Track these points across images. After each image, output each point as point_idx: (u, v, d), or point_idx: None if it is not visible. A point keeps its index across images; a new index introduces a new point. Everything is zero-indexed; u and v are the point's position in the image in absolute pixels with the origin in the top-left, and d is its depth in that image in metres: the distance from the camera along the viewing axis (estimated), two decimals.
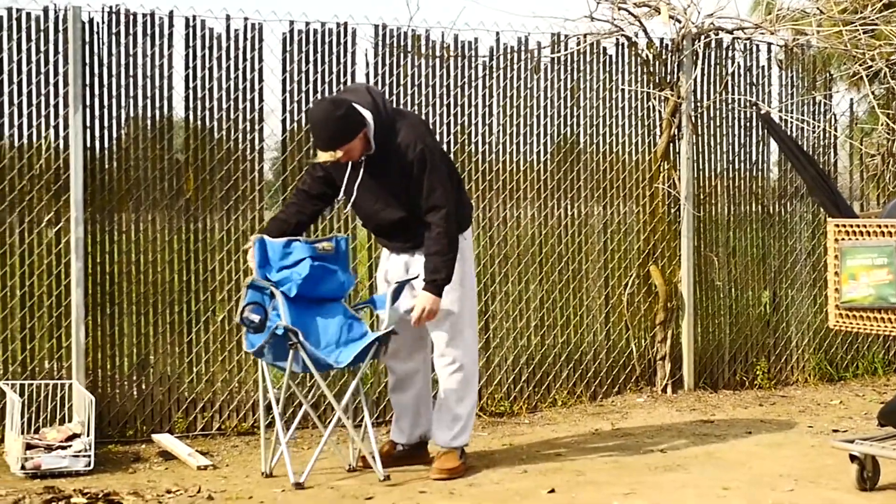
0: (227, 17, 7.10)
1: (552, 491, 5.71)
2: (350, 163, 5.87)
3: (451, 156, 7.38)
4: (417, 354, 6.26)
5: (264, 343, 5.84)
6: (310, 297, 6.07)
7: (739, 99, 8.48)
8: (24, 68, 6.71)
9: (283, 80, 7.26)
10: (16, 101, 6.70)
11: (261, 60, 7.19)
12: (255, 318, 5.92)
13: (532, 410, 7.73)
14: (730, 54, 8.47)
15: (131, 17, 6.91)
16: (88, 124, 6.83)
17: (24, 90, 6.72)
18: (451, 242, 5.88)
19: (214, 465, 6.34)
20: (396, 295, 5.98)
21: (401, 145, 5.84)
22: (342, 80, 7.36)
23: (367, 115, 5.81)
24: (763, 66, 8.63)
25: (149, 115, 6.98)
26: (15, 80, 6.70)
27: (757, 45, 8.59)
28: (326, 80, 7.34)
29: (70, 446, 6.23)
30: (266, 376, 5.96)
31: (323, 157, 5.77)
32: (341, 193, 5.99)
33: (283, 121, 7.28)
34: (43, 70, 6.75)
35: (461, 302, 6.06)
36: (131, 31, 6.92)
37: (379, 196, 5.94)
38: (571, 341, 7.99)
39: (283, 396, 5.98)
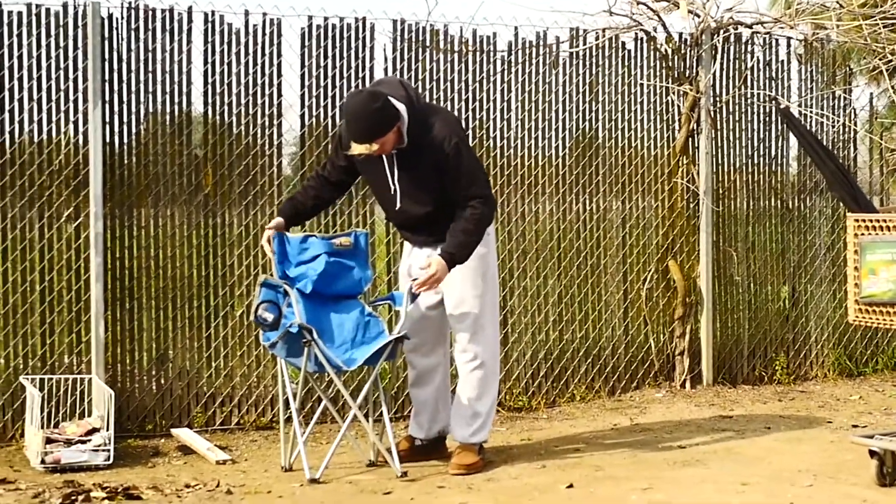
0: (246, 13, 7.12)
1: (570, 486, 5.70)
2: (383, 157, 5.87)
3: None
4: (439, 349, 6.25)
5: (278, 339, 5.85)
6: (326, 293, 6.07)
7: (758, 93, 8.46)
8: (44, 64, 6.73)
9: (302, 76, 7.27)
10: (35, 97, 6.73)
11: (279, 56, 7.20)
12: (269, 316, 5.92)
13: (550, 405, 7.72)
14: (749, 49, 8.44)
15: (150, 13, 6.93)
16: (107, 120, 6.85)
17: (44, 85, 6.74)
18: (480, 228, 5.87)
19: (233, 459, 6.35)
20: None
21: (435, 139, 5.80)
22: (360, 75, 7.36)
23: (402, 108, 5.78)
24: (782, 61, 8.60)
25: (167, 110, 7.00)
26: (34, 75, 6.72)
27: (776, 40, 8.56)
28: (345, 75, 7.34)
29: (89, 440, 6.25)
30: (284, 371, 5.96)
31: (357, 149, 5.72)
32: (393, 190, 5.93)
33: (302, 116, 7.28)
34: (62, 65, 6.77)
35: (483, 297, 6.03)
36: (150, 27, 6.94)
37: (408, 190, 5.93)
38: (590, 336, 7.97)
39: (300, 391, 5.98)
